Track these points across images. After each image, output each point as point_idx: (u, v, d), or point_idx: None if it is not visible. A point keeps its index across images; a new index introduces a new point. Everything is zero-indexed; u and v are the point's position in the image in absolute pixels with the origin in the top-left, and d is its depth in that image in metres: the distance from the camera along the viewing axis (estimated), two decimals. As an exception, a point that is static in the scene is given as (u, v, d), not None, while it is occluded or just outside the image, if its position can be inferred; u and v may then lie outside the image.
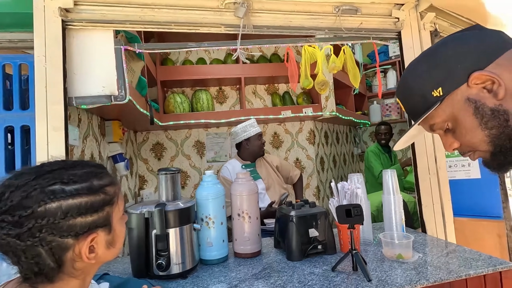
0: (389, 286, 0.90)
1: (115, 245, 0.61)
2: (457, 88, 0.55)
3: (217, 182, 1.22)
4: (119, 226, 0.62)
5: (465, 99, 0.55)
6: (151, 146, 2.54)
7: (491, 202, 1.82)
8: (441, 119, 0.59)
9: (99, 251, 0.57)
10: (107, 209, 0.57)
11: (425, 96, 0.59)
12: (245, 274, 1.05)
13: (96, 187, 0.56)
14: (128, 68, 1.50)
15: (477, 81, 0.53)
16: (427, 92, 0.58)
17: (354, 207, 1.02)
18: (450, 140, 0.61)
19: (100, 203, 0.56)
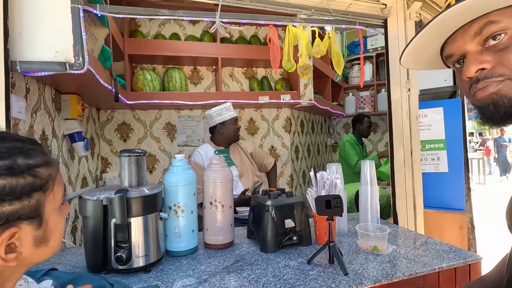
0: (366, 280, 0.87)
1: (48, 242, 0.48)
2: None
3: (188, 167, 1.11)
4: (55, 218, 0.49)
5: None
6: (116, 126, 2.33)
7: (455, 196, 1.90)
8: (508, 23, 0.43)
9: (23, 250, 0.44)
10: (37, 196, 0.45)
11: None
12: (215, 267, 0.97)
13: (21, 167, 0.43)
14: (88, 33, 1.31)
15: None
16: None
17: (334, 198, 0.98)
18: (484, 58, 0.46)
19: (25, 188, 0.43)
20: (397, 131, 1.43)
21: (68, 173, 1.59)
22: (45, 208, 0.46)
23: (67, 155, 1.61)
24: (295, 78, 2.56)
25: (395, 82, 1.44)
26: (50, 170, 0.48)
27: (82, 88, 1.53)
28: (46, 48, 1.05)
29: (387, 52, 1.44)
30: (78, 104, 1.62)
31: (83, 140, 1.66)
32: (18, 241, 0.43)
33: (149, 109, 2.38)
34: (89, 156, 1.99)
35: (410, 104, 1.44)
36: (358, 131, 3.05)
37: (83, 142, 1.65)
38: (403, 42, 1.43)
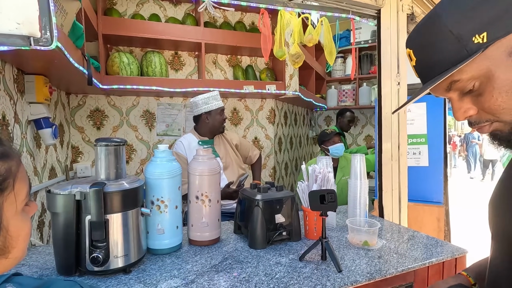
0: (360, 277, 0.85)
1: (9, 253, 0.40)
2: (506, 36, 0.43)
3: (172, 159, 1.03)
4: (17, 223, 0.40)
5: (509, 52, 0.43)
6: (88, 113, 2.15)
7: (434, 189, 1.95)
8: (471, 75, 0.46)
9: None
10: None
11: (462, 42, 0.44)
12: (202, 266, 0.91)
13: None
14: (57, 5, 1.15)
15: None
16: (466, 36, 0.44)
17: (328, 193, 0.94)
18: (466, 106, 0.49)
19: None
20: (386, 124, 1.43)
21: (33, 163, 1.44)
22: (3, 212, 0.37)
23: (32, 143, 1.45)
24: (280, 68, 2.50)
25: (386, 75, 1.42)
26: (9, 164, 0.39)
27: (49, 68, 1.37)
28: (5, 18, 0.90)
29: (379, 44, 1.41)
30: (45, 87, 1.46)
31: (50, 126, 1.50)
32: None
33: (125, 95, 2.22)
34: (57, 145, 1.82)
35: (399, 98, 1.43)
36: (339, 124, 3.08)
37: (51, 129, 1.49)
38: (395, 35, 1.41)
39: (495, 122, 0.48)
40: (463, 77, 0.47)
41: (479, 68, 0.45)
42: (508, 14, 0.42)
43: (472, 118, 0.50)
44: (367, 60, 3.63)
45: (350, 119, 3.06)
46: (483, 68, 0.45)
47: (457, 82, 0.48)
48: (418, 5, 1.58)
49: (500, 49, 0.44)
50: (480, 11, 0.44)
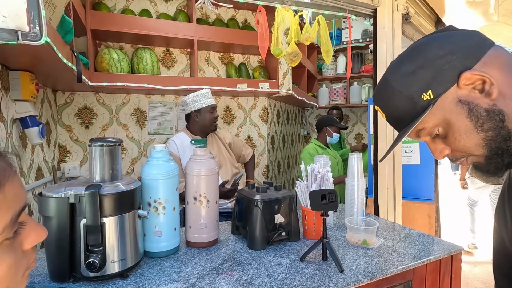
0: (362, 276, 0.85)
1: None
2: (447, 90, 0.51)
3: (169, 159, 1.00)
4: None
5: (456, 101, 0.51)
6: (76, 111, 2.07)
7: (425, 186, 1.99)
8: (432, 124, 0.54)
9: None
10: None
11: (414, 100, 0.53)
12: (203, 269, 0.89)
13: None
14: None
15: (467, 82, 0.50)
16: (415, 95, 0.52)
17: (329, 192, 0.93)
18: (440, 147, 0.56)
19: None
20: (382, 123, 1.44)
21: (19, 163, 1.37)
22: None
23: (18, 143, 1.39)
24: (273, 66, 2.48)
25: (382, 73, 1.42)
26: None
27: (36, 64, 1.31)
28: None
29: (375, 43, 1.42)
30: (32, 83, 1.39)
31: (37, 125, 1.43)
32: None
33: (115, 92, 2.15)
34: (44, 144, 1.75)
35: (394, 97, 1.45)
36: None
37: (38, 127, 1.43)
38: (390, 34, 1.41)
39: (469, 156, 0.54)
40: (426, 126, 0.55)
41: (436, 118, 0.53)
42: (443, 74, 0.50)
43: (449, 155, 0.57)
44: (357, 59, 3.67)
45: (337, 116, 3.07)
46: (440, 117, 0.53)
47: (422, 130, 0.56)
48: (412, 5, 1.60)
49: (448, 100, 0.51)
50: (420, 74, 0.52)
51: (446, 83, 0.51)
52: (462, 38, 0.52)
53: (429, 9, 1.81)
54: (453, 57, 0.50)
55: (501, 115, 0.49)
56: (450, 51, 0.51)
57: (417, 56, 0.53)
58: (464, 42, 0.51)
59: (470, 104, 0.50)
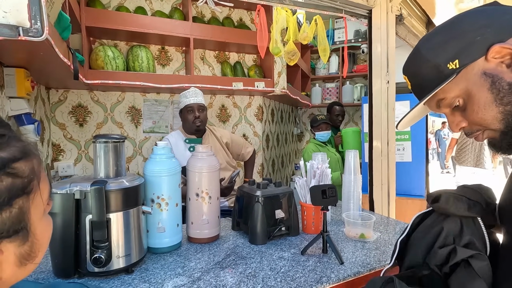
0: (362, 268, 0.88)
1: (36, 257, 0.37)
2: (474, 61, 0.52)
3: (171, 156, 1.01)
4: (43, 226, 0.38)
5: (481, 73, 0.51)
6: (70, 108, 2.05)
7: (417, 183, 2.05)
8: (453, 94, 0.55)
9: (4, 274, 0.33)
10: (19, 202, 0.33)
11: (439, 68, 0.54)
12: (206, 263, 0.90)
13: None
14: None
15: (496, 55, 0.50)
16: (442, 63, 0.53)
17: (329, 188, 0.96)
18: (458, 119, 0.57)
19: (2, 195, 0.31)
20: (376, 121, 1.48)
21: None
22: (31, 215, 0.34)
23: (13, 141, 1.36)
24: (269, 65, 2.50)
25: (376, 73, 1.47)
26: (31, 162, 0.35)
27: (32, 61, 1.29)
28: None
29: (370, 44, 1.46)
30: (27, 80, 1.37)
31: (33, 123, 1.41)
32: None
33: (110, 90, 2.13)
34: (38, 142, 1.72)
35: (389, 96, 1.49)
36: (329, 120, 2.91)
37: (34, 125, 1.41)
38: (385, 34, 1.46)
39: (485, 131, 0.55)
40: (447, 96, 0.56)
41: (459, 88, 0.54)
42: (473, 46, 0.51)
43: (465, 129, 0.58)
44: (350, 59, 3.72)
45: (338, 113, 2.95)
46: (462, 87, 0.53)
47: (443, 100, 0.56)
48: (405, 7, 1.64)
49: (473, 71, 0.52)
50: (451, 44, 0.53)
51: (474, 54, 0.51)
52: (501, 13, 0.52)
53: (420, 11, 1.86)
54: (487, 29, 0.51)
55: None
56: (485, 24, 0.51)
57: (452, 28, 0.54)
58: (502, 17, 0.51)
59: (494, 77, 0.51)
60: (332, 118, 2.94)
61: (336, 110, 2.92)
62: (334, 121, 2.95)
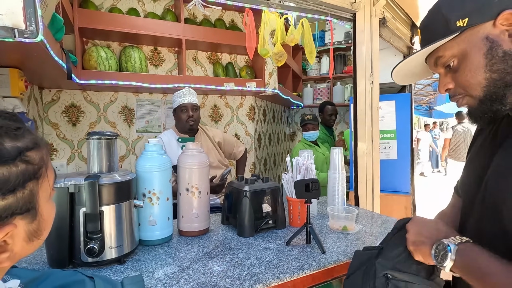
0: (342, 256, 0.94)
1: (42, 235, 0.43)
2: (482, 24, 0.52)
3: (162, 152, 1.05)
4: (49, 208, 0.44)
5: (484, 37, 0.52)
6: (63, 108, 2.07)
7: (402, 180, 2.13)
8: (451, 52, 0.56)
9: (15, 247, 0.38)
10: (30, 186, 0.38)
11: (448, 23, 0.55)
12: (196, 254, 0.95)
13: (10, 152, 0.36)
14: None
15: (504, 22, 0.51)
16: (452, 19, 0.54)
17: (312, 182, 1.02)
18: (446, 80, 0.59)
19: (18, 178, 0.36)
20: (361, 120, 1.54)
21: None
22: (39, 197, 0.40)
23: (7, 139, 1.39)
24: (260, 66, 2.56)
25: (361, 74, 1.53)
26: (41, 152, 0.41)
27: (26, 61, 1.32)
28: (-14, 9, 0.87)
29: (355, 46, 1.52)
30: (20, 80, 1.40)
31: (26, 122, 1.44)
32: (10, 238, 0.37)
33: (103, 90, 2.16)
34: (31, 141, 1.74)
35: (373, 96, 1.56)
36: (323, 120, 2.96)
37: (28, 124, 1.43)
38: (369, 37, 1.52)
39: (466, 96, 0.57)
40: (445, 54, 0.57)
41: (459, 47, 0.55)
42: (487, 7, 0.52)
43: (450, 91, 0.60)
44: (340, 60, 3.80)
45: (331, 113, 2.91)
46: (462, 48, 0.55)
47: (441, 57, 0.58)
48: (389, 10, 1.71)
49: (478, 33, 0.53)
50: (468, 2, 0.54)
51: (485, 16, 0.51)
52: None
53: (404, 14, 1.94)
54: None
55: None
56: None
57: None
58: None
59: (493, 43, 0.51)
60: (325, 118, 2.92)
61: (328, 110, 2.88)
62: (327, 121, 2.92)
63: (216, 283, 0.77)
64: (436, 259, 0.55)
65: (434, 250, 0.56)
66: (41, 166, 0.40)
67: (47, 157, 0.42)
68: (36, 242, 0.42)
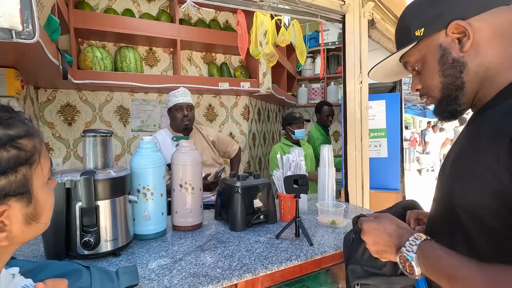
0: (328, 248, 0.98)
1: (39, 219, 0.46)
2: (437, 33, 0.57)
3: (156, 150, 1.09)
4: (44, 194, 0.47)
5: (438, 45, 0.57)
6: (59, 108, 2.09)
7: (392, 177, 2.18)
8: (414, 58, 0.62)
9: (13, 228, 0.42)
10: (23, 170, 0.42)
11: (410, 32, 0.60)
12: (188, 247, 0.99)
13: (1, 139, 0.40)
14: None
15: (454, 31, 0.55)
16: (412, 28, 0.60)
17: (300, 177, 1.06)
18: (416, 81, 0.65)
19: (10, 162, 0.40)
20: (350, 119, 1.59)
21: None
22: (33, 183, 0.44)
23: (4, 138, 1.41)
24: (254, 66, 2.60)
25: (350, 74, 1.58)
26: (34, 141, 0.45)
27: (22, 61, 1.35)
28: (-16, 11, 0.90)
29: (344, 47, 1.57)
30: (17, 80, 1.43)
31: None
32: (7, 219, 0.40)
33: (98, 90, 2.19)
34: (27, 140, 1.76)
35: (362, 95, 1.60)
36: (319, 121, 2.98)
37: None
38: (358, 38, 1.57)
39: (429, 97, 0.63)
40: (410, 59, 0.63)
41: (419, 54, 0.61)
42: (440, 18, 0.56)
43: (420, 91, 0.65)
44: (334, 60, 3.86)
45: (328, 113, 2.90)
46: (422, 54, 0.60)
47: (408, 62, 0.64)
48: (378, 12, 1.76)
49: (433, 41, 0.58)
50: (425, 12, 0.59)
51: (438, 26, 0.56)
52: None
53: (394, 15, 1.99)
54: (457, 4, 0.54)
55: (463, 67, 0.55)
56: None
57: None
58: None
59: (445, 51, 0.56)
60: (322, 119, 2.92)
61: (326, 110, 2.88)
62: (324, 122, 2.92)
63: (207, 273, 0.81)
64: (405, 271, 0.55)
65: (400, 264, 0.56)
66: (34, 153, 0.44)
67: (40, 146, 0.46)
68: (36, 226, 0.45)
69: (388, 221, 0.62)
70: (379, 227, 0.62)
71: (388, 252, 0.59)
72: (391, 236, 0.59)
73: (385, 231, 0.60)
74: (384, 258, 0.62)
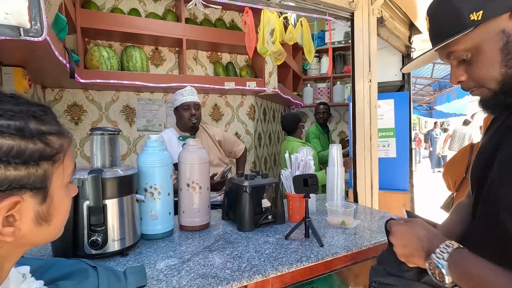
0: (340, 249, 0.96)
1: (51, 221, 0.44)
2: (498, 16, 0.50)
3: (163, 148, 1.07)
4: (61, 195, 0.45)
5: (499, 31, 0.50)
6: (65, 107, 2.10)
7: (401, 178, 2.14)
8: (464, 46, 0.54)
9: (23, 225, 0.40)
10: (45, 166, 0.41)
11: (461, 17, 0.52)
12: (196, 247, 0.97)
13: (32, 131, 0.39)
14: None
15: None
16: (465, 12, 0.51)
17: (310, 177, 1.04)
18: (459, 72, 0.57)
19: (34, 154, 0.39)
20: (359, 118, 1.56)
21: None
22: (52, 181, 0.42)
23: (11, 137, 1.41)
24: (260, 65, 2.58)
25: (359, 73, 1.55)
26: (63, 140, 0.44)
27: (30, 60, 1.35)
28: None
29: (353, 45, 1.54)
30: (24, 79, 1.43)
31: (30, 120, 1.46)
32: (18, 214, 0.39)
33: (104, 89, 2.19)
34: (34, 139, 1.77)
35: (371, 94, 1.58)
36: (318, 121, 3.10)
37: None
38: (367, 36, 1.54)
39: (481, 88, 0.56)
40: (459, 48, 0.55)
41: (472, 42, 0.53)
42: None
43: (463, 83, 0.58)
44: (340, 60, 3.82)
45: (323, 111, 3.04)
46: (476, 42, 0.53)
47: (453, 52, 0.56)
48: (387, 9, 1.74)
49: (492, 27, 0.51)
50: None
51: (500, 9, 0.49)
52: None
53: (402, 13, 1.96)
54: None
55: None
56: None
57: None
58: None
59: (510, 37, 0.49)
60: (316, 116, 3.12)
61: (318, 108, 3.09)
62: (317, 119, 3.12)
63: (216, 274, 0.79)
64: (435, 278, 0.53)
65: (430, 271, 0.54)
66: (59, 152, 0.43)
67: (67, 146, 0.45)
68: (46, 228, 0.43)
69: (420, 226, 0.60)
70: (410, 231, 0.59)
71: (416, 256, 0.57)
72: (422, 240, 0.57)
73: (416, 235, 0.58)
74: (411, 262, 0.59)
